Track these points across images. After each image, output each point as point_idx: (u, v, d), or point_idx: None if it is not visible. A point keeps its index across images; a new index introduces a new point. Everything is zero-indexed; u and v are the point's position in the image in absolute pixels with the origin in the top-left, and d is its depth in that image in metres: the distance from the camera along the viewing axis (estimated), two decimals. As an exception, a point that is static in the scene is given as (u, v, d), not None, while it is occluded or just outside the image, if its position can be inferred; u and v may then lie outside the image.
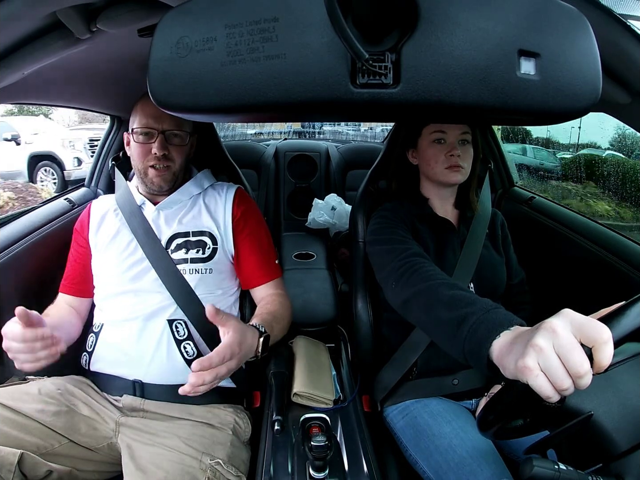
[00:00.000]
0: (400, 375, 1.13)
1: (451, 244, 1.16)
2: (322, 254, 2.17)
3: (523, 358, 0.54)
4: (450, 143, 1.12)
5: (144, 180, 1.18)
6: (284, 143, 2.94)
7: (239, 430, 1.09)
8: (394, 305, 1.00)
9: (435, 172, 1.14)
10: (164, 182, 1.17)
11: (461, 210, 1.24)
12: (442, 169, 1.12)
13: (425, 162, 1.16)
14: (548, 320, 0.55)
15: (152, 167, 1.15)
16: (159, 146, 1.12)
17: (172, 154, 1.16)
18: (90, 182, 1.82)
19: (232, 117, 0.47)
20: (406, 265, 0.97)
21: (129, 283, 1.13)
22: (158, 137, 1.13)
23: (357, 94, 0.39)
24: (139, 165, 1.17)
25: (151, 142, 1.13)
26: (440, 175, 1.13)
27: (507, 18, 0.38)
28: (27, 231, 1.36)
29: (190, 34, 0.39)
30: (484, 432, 0.73)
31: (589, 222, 1.44)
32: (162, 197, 1.21)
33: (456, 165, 1.11)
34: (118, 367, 1.09)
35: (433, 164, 1.13)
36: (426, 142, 1.14)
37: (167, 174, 1.16)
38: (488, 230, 1.22)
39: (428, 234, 1.16)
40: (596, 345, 0.51)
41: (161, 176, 1.16)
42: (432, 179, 1.17)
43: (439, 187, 1.18)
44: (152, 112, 1.13)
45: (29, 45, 0.81)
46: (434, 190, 1.20)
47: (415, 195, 1.22)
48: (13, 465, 0.85)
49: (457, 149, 1.11)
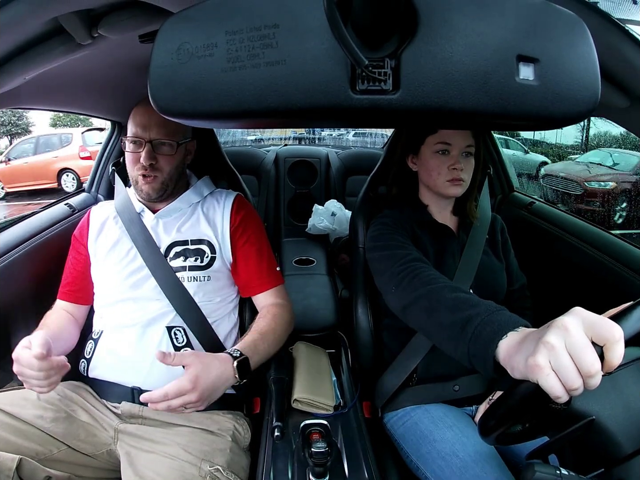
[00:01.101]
0: (401, 382, 1.12)
1: (451, 249, 1.15)
2: (322, 260, 2.17)
3: (534, 356, 0.53)
4: (453, 156, 1.09)
5: (135, 188, 1.19)
6: (284, 149, 2.95)
7: (239, 437, 1.08)
8: (394, 310, 0.99)
9: (435, 184, 1.12)
10: (152, 190, 1.16)
11: (460, 217, 1.23)
12: (443, 181, 1.10)
13: (426, 171, 1.14)
14: (560, 318, 0.54)
15: (142, 176, 1.15)
16: (145, 156, 1.12)
17: (160, 163, 1.15)
18: (90, 187, 1.83)
19: (232, 123, 0.47)
20: (406, 270, 0.96)
21: (129, 291, 1.13)
22: (145, 147, 1.13)
23: (356, 100, 0.39)
24: (131, 173, 1.18)
25: (139, 151, 1.14)
26: (441, 188, 1.11)
27: (506, 23, 0.38)
28: (27, 236, 1.36)
29: (191, 40, 0.39)
30: (486, 438, 0.72)
31: (589, 226, 1.44)
32: (161, 204, 1.21)
33: (458, 179, 1.09)
34: (117, 373, 1.08)
35: (435, 175, 1.11)
36: (429, 152, 1.11)
37: (155, 183, 1.16)
38: (488, 235, 1.21)
39: (428, 240, 1.14)
40: (608, 345, 0.51)
41: (149, 184, 1.16)
42: (431, 189, 1.15)
43: (437, 196, 1.17)
44: (141, 121, 1.14)
45: (30, 50, 0.81)
46: (432, 198, 1.19)
47: (415, 202, 1.20)
48: (11, 471, 0.85)
49: (460, 163, 1.08)
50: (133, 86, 1.35)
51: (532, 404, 0.62)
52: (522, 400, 0.63)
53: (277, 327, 1.13)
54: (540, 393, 0.54)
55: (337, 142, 4.21)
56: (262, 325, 1.11)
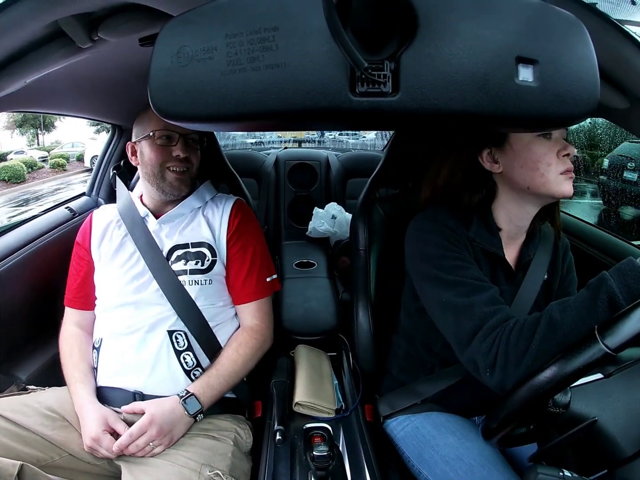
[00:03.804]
0: (410, 404, 1.08)
1: (502, 295, 0.88)
2: (322, 263, 2.17)
3: None
4: (558, 139, 0.87)
5: (161, 185, 1.17)
6: (284, 152, 2.95)
7: (240, 441, 1.08)
8: (500, 388, 0.77)
9: (544, 180, 0.85)
10: (183, 185, 1.18)
11: (523, 246, 1.00)
12: (555, 175, 0.85)
13: (525, 166, 0.87)
14: None
15: (171, 171, 1.15)
16: (182, 148, 1.14)
17: (191, 157, 1.18)
18: (91, 190, 1.83)
19: (232, 126, 0.47)
20: (497, 338, 0.77)
21: (131, 295, 1.13)
22: (179, 140, 1.14)
23: (356, 103, 0.39)
24: (155, 169, 1.15)
25: (172, 145, 1.14)
26: (553, 184, 0.85)
27: (505, 25, 0.38)
28: (28, 239, 1.37)
29: (190, 43, 0.39)
30: (488, 440, 0.72)
31: (591, 227, 1.44)
32: (166, 208, 1.21)
33: (571, 170, 0.86)
34: (118, 378, 1.08)
35: (543, 168, 0.85)
36: (528, 136, 0.86)
37: (186, 177, 1.17)
38: (548, 273, 0.99)
39: (486, 273, 0.93)
40: None
41: (181, 179, 1.17)
42: (535, 192, 0.88)
43: (532, 208, 0.92)
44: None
45: (30, 53, 0.82)
46: (517, 214, 0.94)
47: (488, 221, 0.94)
48: (12, 477, 0.84)
49: (571, 147, 0.85)
50: (133, 90, 1.35)
51: (531, 408, 0.62)
52: (522, 404, 0.63)
53: (239, 357, 1.13)
54: (536, 398, 0.54)
55: (337, 145, 4.22)
56: (222, 357, 1.12)
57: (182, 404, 1.01)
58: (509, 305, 0.90)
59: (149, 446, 0.96)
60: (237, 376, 1.12)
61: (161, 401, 1.02)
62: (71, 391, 1.07)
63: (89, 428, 0.98)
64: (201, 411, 1.03)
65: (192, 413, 1.02)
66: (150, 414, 0.98)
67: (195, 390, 1.04)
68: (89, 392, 1.06)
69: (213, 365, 1.10)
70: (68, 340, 1.17)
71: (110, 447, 0.96)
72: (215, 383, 1.07)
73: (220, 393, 1.08)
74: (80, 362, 1.12)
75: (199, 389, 1.05)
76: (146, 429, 0.96)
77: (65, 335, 1.19)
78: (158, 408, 0.99)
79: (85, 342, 1.17)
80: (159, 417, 0.98)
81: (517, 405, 0.65)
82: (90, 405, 1.02)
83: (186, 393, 1.03)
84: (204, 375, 1.08)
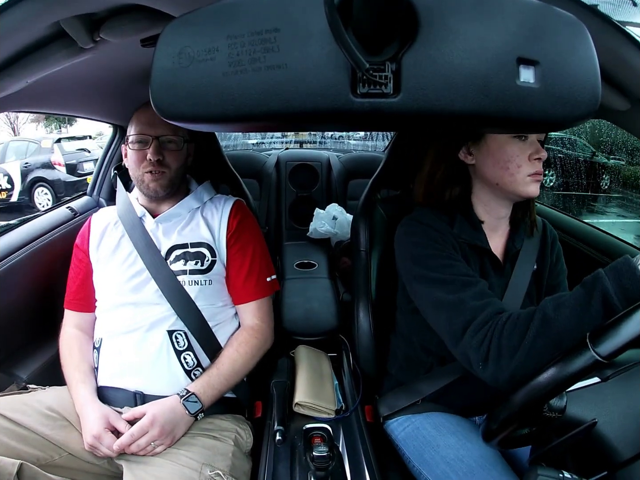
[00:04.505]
0: (410, 403, 1.09)
1: (492, 288, 0.91)
2: (323, 263, 2.17)
3: None
4: (533, 142, 0.89)
5: (141, 187, 1.19)
6: (285, 153, 2.95)
7: (241, 441, 1.08)
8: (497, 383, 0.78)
9: (512, 180, 0.90)
10: (160, 187, 1.17)
11: (509, 238, 1.02)
12: (524, 176, 0.89)
13: (496, 164, 0.90)
14: None
15: (149, 173, 1.16)
16: (153, 151, 1.14)
17: (168, 159, 1.17)
18: (92, 190, 1.83)
19: (233, 127, 0.47)
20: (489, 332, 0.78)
21: (130, 295, 1.13)
22: (152, 143, 1.14)
23: (357, 104, 0.39)
24: (135, 173, 1.18)
25: (146, 149, 1.15)
26: (520, 185, 0.89)
27: (506, 26, 0.38)
28: (29, 239, 1.37)
29: (192, 44, 0.39)
30: (489, 442, 0.72)
31: (589, 227, 1.44)
32: (162, 207, 1.22)
33: (540, 173, 0.89)
34: (119, 378, 1.08)
35: (513, 168, 0.89)
36: (503, 136, 0.90)
37: (163, 179, 1.17)
38: (537, 263, 1.01)
39: (475, 268, 0.95)
40: None
41: (157, 181, 1.16)
42: (503, 188, 0.92)
43: (504, 201, 0.96)
44: (146, 119, 1.15)
45: (32, 54, 0.82)
46: (489, 208, 0.97)
47: (469, 214, 0.97)
48: (12, 476, 0.84)
49: (543, 151, 0.89)
50: (135, 90, 1.35)
51: (529, 411, 0.62)
52: (520, 407, 0.63)
53: (239, 357, 1.13)
54: (533, 402, 0.53)
55: (338, 146, 4.22)
56: (223, 356, 1.12)
57: (183, 403, 1.02)
58: (501, 298, 0.93)
59: (150, 446, 0.97)
60: (237, 376, 1.12)
61: (161, 401, 1.02)
62: (72, 391, 1.07)
63: (90, 426, 0.98)
64: (202, 410, 1.03)
65: (193, 412, 1.02)
66: (152, 414, 0.98)
67: (196, 390, 1.04)
68: (90, 391, 1.06)
69: (213, 364, 1.11)
70: (68, 342, 1.18)
71: (111, 445, 0.96)
72: (216, 382, 1.07)
73: (221, 392, 1.08)
74: (80, 362, 1.12)
75: (200, 388, 1.05)
76: (147, 429, 0.96)
77: (65, 337, 1.19)
78: (159, 408, 1.00)
79: (85, 343, 1.18)
80: (160, 417, 0.98)
81: (515, 407, 0.65)
82: (92, 404, 1.02)
83: (186, 392, 1.03)
84: (205, 375, 1.08)
